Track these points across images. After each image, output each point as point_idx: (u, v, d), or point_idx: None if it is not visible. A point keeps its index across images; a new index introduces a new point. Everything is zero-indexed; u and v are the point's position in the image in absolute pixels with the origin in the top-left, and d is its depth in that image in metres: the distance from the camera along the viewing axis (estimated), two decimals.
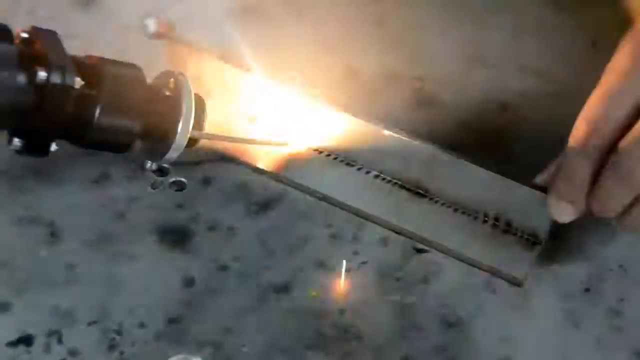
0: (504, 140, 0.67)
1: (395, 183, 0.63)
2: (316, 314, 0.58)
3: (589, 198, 0.57)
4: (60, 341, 0.55)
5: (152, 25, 0.72)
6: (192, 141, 0.61)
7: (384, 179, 0.64)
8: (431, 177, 0.63)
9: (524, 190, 0.60)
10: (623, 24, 0.60)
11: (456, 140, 0.67)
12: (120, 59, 0.69)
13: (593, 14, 0.76)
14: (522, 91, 0.70)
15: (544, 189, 0.59)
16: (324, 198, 0.63)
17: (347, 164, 0.64)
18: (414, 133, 0.64)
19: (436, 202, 0.63)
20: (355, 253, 0.61)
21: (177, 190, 0.63)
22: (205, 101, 0.62)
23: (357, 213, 0.62)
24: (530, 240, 0.61)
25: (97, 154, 0.64)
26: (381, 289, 0.59)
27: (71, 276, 0.58)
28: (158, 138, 0.60)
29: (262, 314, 0.57)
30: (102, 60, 0.59)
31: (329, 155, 0.65)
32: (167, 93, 0.61)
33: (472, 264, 0.60)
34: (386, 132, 0.63)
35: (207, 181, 0.64)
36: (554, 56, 0.72)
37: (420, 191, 0.63)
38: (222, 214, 0.62)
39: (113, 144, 0.59)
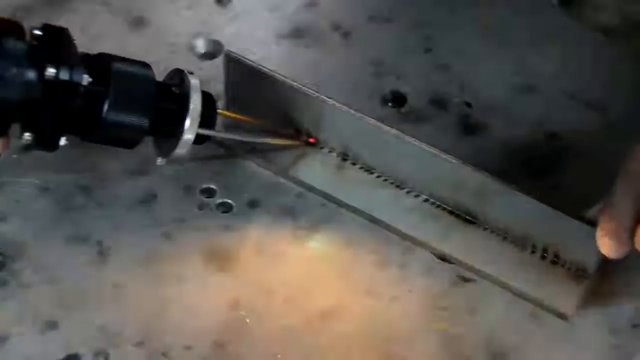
0: (551, 170, 0.67)
1: (445, 208, 0.63)
2: (362, 341, 0.57)
3: (634, 237, 0.57)
4: None
5: (201, 45, 0.73)
6: (201, 138, 0.61)
7: (433, 203, 0.64)
8: (481, 205, 0.62)
9: (574, 223, 0.60)
10: None
11: (503, 168, 0.66)
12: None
13: None
14: (570, 121, 0.70)
15: (593, 223, 0.59)
16: (373, 220, 0.63)
17: (397, 186, 0.64)
18: (461, 159, 0.64)
19: (485, 229, 0.62)
20: (402, 280, 0.61)
21: (223, 212, 0.63)
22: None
23: (405, 237, 0.62)
24: (578, 273, 0.60)
25: (145, 174, 0.65)
26: (427, 318, 0.59)
27: (118, 296, 0.58)
28: (167, 135, 0.61)
29: (308, 339, 0.57)
30: (112, 57, 0.60)
31: (379, 176, 0.65)
32: (177, 91, 0.61)
33: (518, 294, 0.60)
34: (438, 156, 0.62)
35: (253, 203, 0.64)
36: (603, 86, 0.72)
37: (470, 218, 0.63)
38: (268, 237, 0.62)
39: (122, 140, 0.60)
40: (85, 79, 0.57)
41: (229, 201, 0.64)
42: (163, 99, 0.61)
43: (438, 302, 0.60)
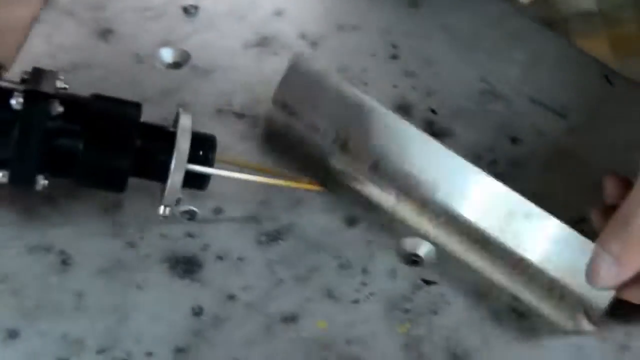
0: (514, 175, 0.67)
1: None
2: (323, 345, 0.58)
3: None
4: None
5: (167, 55, 0.73)
6: (199, 181, 0.60)
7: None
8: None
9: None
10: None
11: None
12: (136, 88, 0.70)
13: (604, 49, 0.76)
14: (533, 125, 0.70)
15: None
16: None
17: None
18: None
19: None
20: (364, 284, 0.61)
21: (188, 219, 0.64)
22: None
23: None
24: None
25: None
26: (388, 321, 0.59)
27: (80, 304, 0.59)
28: (155, 177, 0.60)
29: (269, 344, 0.58)
30: (96, 96, 0.60)
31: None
32: (171, 129, 0.60)
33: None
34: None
35: (218, 210, 0.64)
36: (566, 90, 0.72)
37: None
38: (232, 244, 0.62)
39: (103, 181, 0.59)
40: (55, 109, 0.57)
41: (194, 208, 0.64)
42: (147, 139, 0.59)
43: (400, 305, 0.60)
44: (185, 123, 0.60)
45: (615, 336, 0.59)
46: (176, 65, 0.73)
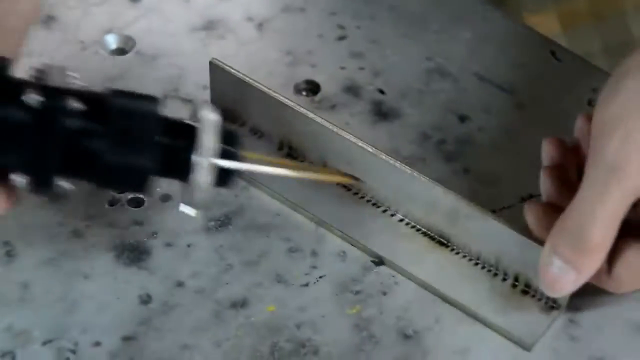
0: (463, 152, 0.67)
1: (419, 229, 0.62)
2: (273, 329, 0.57)
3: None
4: None
5: (112, 41, 0.72)
6: (224, 178, 0.56)
7: (407, 223, 0.62)
8: (454, 227, 0.60)
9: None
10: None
11: (417, 152, 0.67)
12: (81, 75, 0.69)
13: (553, 24, 0.76)
14: (481, 102, 0.70)
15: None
16: (343, 237, 0.61)
17: (373, 204, 0.63)
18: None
19: (457, 253, 0.61)
20: (314, 267, 0.61)
21: (135, 207, 0.63)
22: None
23: (373, 255, 0.61)
24: (548, 304, 0.59)
25: None
26: (338, 303, 0.59)
27: (26, 295, 0.58)
28: (178, 175, 0.56)
29: (218, 330, 0.57)
30: (114, 91, 0.55)
31: (356, 193, 0.63)
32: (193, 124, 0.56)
33: (482, 321, 0.58)
34: (412, 175, 0.60)
35: (166, 197, 0.64)
36: (513, 67, 0.72)
37: (443, 240, 0.61)
38: (180, 230, 0.62)
39: (127, 182, 0.55)
40: (74, 104, 0.53)
41: (141, 196, 0.63)
42: (169, 136, 0.55)
43: (350, 287, 0.60)
44: (210, 118, 0.55)
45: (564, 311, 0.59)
46: (121, 51, 0.72)
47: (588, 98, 0.70)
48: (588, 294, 0.59)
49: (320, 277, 0.60)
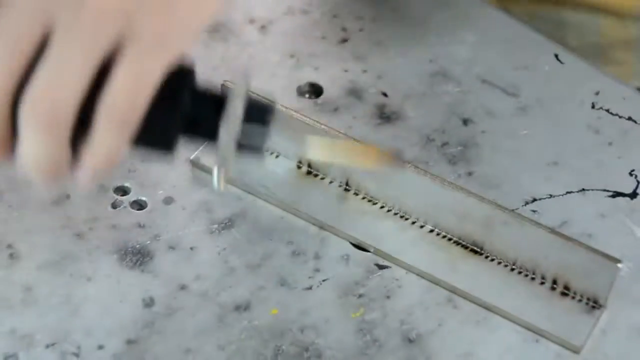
0: (466, 155, 0.67)
1: (450, 239, 0.61)
2: (276, 333, 0.57)
3: None
4: None
5: None
6: (259, 114, 0.52)
7: (438, 234, 0.62)
8: (488, 235, 0.60)
9: (585, 253, 0.57)
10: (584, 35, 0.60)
11: (420, 155, 0.67)
12: None
13: (555, 27, 0.76)
14: (484, 105, 0.70)
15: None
16: (375, 252, 0.61)
17: (401, 217, 0.63)
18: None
19: (492, 260, 0.60)
20: (317, 270, 0.60)
21: (138, 210, 0.63)
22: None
23: (410, 269, 0.60)
24: (590, 304, 0.58)
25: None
26: (342, 306, 0.59)
27: (29, 298, 0.58)
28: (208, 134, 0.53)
29: (221, 333, 0.57)
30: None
31: (382, 207, 0.63)
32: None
33: (526, 327, 0.58)
34: (443, 186, 0.60)
35: (168, 200, 0.63)
36: (516, 70, 0.72)
37: (476, 248, 0.61)
38: (183, 233, 0.62)
39: (154, 139, 0.52)
40: None
41: (144, 198, 0.63)
42: (199, 98, 0.53)
43: (353, 290, 0.59)
44: (242, 86, 0.53)
45: None
46: None
47: (591, 101, 0.70)
48: None
49: (324, 280, 0.60)
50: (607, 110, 0.70)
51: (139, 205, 0.63)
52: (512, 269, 0.60)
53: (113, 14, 0.47)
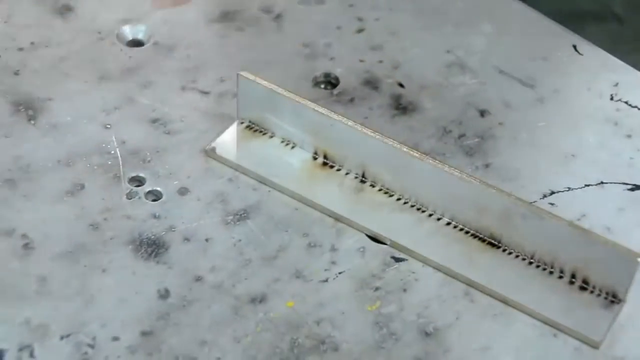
0: (483, 147, 0.66)
1: (467, 232, 0.61)
2: (292, 325, 0.57)
3: None
4: (32, 355, 0.55)
5: (128, 32, 0.72)
6: None
7: (455, 226, 0.61)
8: (506, 228, 0.59)
9: (604, 247, 0.57)
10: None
11: (437, 147, 0.66)
12: (97, 67, 0.69)
13: (572, 19, 0.75)
14: (501, 96, 0.69)
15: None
16: (391, 244, 0.60)
17: (418, 209, 0.62)
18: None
19: (510, 253, 0.60)
20: (333, 263, 0.60)
21: (153, 200, 0.62)
22: None
23: (426, 261, 0.60)
24: (608, 298, 0.58)
25: (72, 165, 0.63)
26: (358, 299, 0.58)
27: (43, 289, 0.57)
28: None
29: (237, 325, 0.57)
30: None
31: (399, 199, 0.62)
32: None
33: (545, 321, 0.57)
34: (461, 178, 0.60)
35: (183, 191, 0.63)
36: (534, 61, 0.72)
37: (494, 241, 0.60)
38: (198, 225, 0.61)
39: None
40: None
41: (159, 189, 0.63)
42: None
43: (370, 283, 0.59)
44: None
45: None
46: (138, 43, 0.72)
47: (610, 93, 0.70)
48: None
49: (340, 273, 0.59)
50: (626, 102, 0.69)
51: (154, 196, 0.63)
52: (530, 263, 0.60)
53: None
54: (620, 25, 0.95)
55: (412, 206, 0.62)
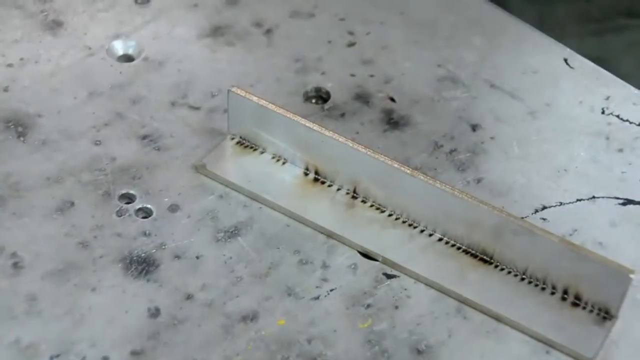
0: (475, 161, 0.66)
1: (459, 247, 0.61)
2: (283, 344, 0.56)
3: None
4: None
5: (119, 47, 0.71)
6: None
7: (447, 242, 0.61)
8: (498, 244, 0.59)
9: (596, 262, 0.57)
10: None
11: (428, 162, 0.66)
12: (87, 82, 0.68)
13: (563, 32, 0.75)
14: (493, 111, 0.69)
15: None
16: (383, 260, 0.60)
17: (410, 225, 0.62)
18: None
19: (502, 269, 0.60)
20: (324, 280, 0.60)
21: (143, 218, 0.62)
22: None
23: (418, 278, 0.59)
24: (601, 315, 0.58)
25: (62, 182, 0.63)
26: (349, 316, 0.58)
27: (33, 308, 0.57)
28: None
29: (228, 344, 0.56)
30: None
31: (390, 215, 0.62)
32: None
33: (537, 338, 0.57)
34: (453, 194, 0.59)
35: (174, 208, 0.63)
36: (525, 74, 0.71)
37: (485, 257, 0.60)
38: (188, 242, 0.61)
39: None
40: None
41: (149, 206, 0.63)
42: None
43: (361, 300, 0.59)
44: None
45: None
46: (128, 58, 0.71)
47: (601, 107, 0.70)
48: None
49: (331, 290, 0.59)
50: (618, 116, 0.69)
51: (145, 213, 0.62)
52: (522, 279, 0.59)
53: None
54: (588, 4, 0.95)
55: (404, 222, 0.62)
